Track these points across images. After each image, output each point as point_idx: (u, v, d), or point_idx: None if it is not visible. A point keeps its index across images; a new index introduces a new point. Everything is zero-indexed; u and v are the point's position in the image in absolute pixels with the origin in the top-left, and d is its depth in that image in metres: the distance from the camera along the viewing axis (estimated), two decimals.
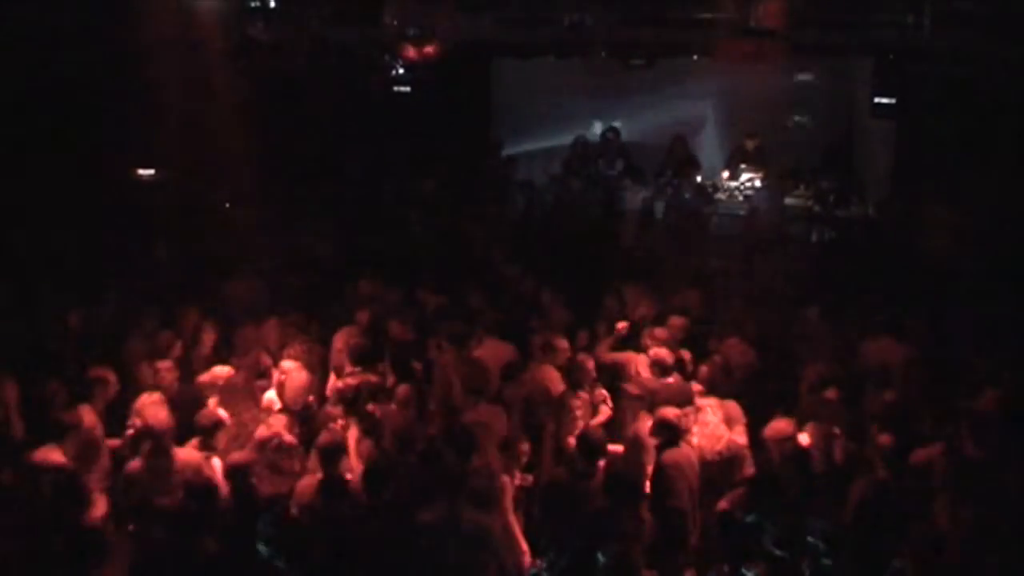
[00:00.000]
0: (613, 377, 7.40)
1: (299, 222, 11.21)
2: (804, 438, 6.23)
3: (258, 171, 11.30)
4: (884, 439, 6.12)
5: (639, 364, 7.36)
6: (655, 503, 6.00)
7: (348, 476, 5.76)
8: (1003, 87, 10.04)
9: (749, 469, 6.34)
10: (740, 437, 6.54)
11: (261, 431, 6.13)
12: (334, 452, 5.70)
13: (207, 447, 6.01)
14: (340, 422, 6.34)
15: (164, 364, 6.97)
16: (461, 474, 5.49)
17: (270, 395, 6.94)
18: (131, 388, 6.73)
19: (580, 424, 6.79)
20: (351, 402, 6.54)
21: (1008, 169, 10.11)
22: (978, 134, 10.34)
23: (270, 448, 5.92)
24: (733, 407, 6.68)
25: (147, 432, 5.93)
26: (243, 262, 9.76)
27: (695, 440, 6.41)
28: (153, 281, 9.15)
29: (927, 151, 11.04)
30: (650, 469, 6.24)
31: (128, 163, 11.47)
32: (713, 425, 6.51)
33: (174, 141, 10.99)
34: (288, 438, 6.11)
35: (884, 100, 10.86)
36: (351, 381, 6.83)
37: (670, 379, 7.09)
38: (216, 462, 5.92)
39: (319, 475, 5.64)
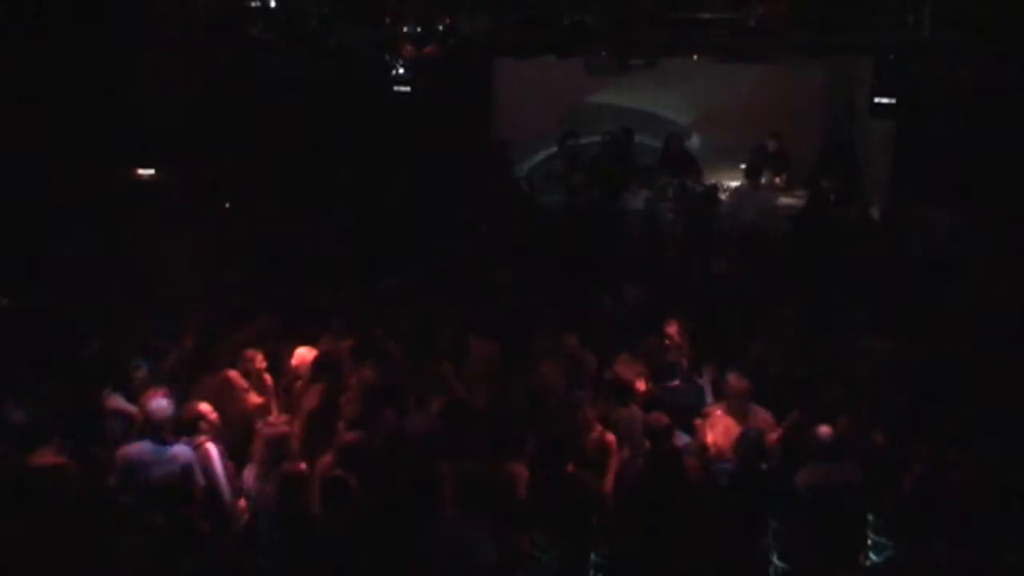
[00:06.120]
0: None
1: (298, 222, 11.22)
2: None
3: (256, 171, 11.30)
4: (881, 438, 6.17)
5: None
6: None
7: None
8: (1003, 87, 10.04)
9: None
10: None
11: (267, 431, 6.13)
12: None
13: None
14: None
15: None
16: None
17: None
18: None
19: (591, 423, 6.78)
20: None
21: (1008, 169, 10.11)
22: (978, 134, 10.34)
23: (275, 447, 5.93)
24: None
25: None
26: (240, 261, 9.78)
27: (709, 438, 6.52)
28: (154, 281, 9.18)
29: (927, 151, 11.04)
30: None
31: (128, 163, 11.47)
32: (724, 425, 6.59)
33: (173, 141, 10.99)
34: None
35: (884, 100, 10.84)
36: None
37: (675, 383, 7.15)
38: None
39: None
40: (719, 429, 6.65)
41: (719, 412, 6.79)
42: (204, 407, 6.21)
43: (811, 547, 5.38)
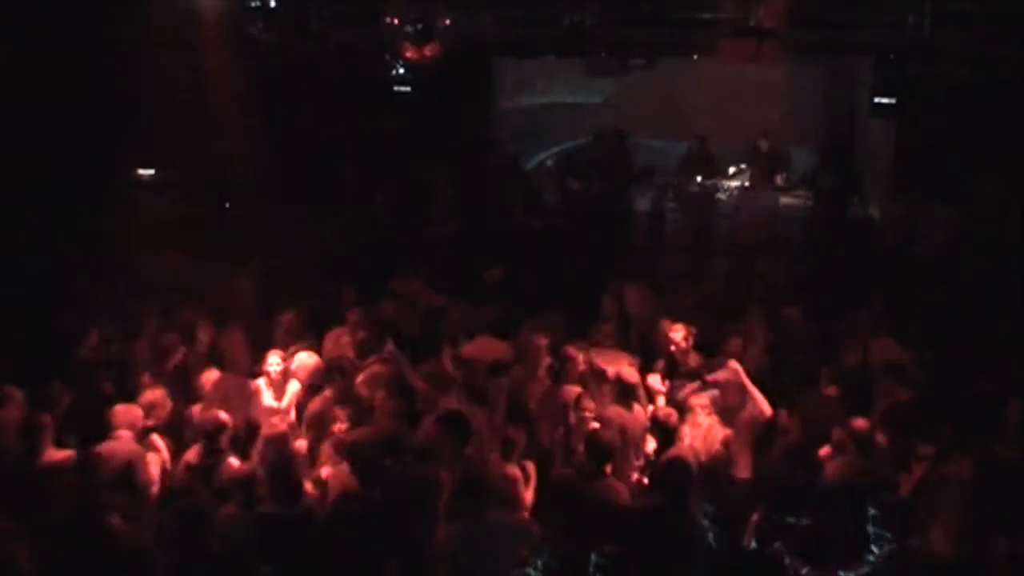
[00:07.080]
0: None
1: (299, 222, 11.22)
2: None
3: (257, 171, 11.30)
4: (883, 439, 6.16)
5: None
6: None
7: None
8: (1003, 87, 10.04)
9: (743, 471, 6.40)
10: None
11: (267, 430, 6.13)
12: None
13: (211, 451, 6.02)
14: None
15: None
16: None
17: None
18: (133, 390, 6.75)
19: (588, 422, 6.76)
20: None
21: (1008, 169, 10.12)
22: (978, 134, 10.34)
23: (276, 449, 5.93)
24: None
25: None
26: (242, 262, 9.78)
27: (687, 440, 6.44)
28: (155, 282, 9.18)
29: (927, 151, 11.05)
30: None
31: (128, 163, 11.48)
32: (706, 426, 6.52)
33: (174, 141, 11.00)
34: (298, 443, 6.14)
35: (884, 100, 10.85)
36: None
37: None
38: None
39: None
40: (700, 431, 6.47)
41: (702, 413, 6.60)
42: (222, 415, 6.22)
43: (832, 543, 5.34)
